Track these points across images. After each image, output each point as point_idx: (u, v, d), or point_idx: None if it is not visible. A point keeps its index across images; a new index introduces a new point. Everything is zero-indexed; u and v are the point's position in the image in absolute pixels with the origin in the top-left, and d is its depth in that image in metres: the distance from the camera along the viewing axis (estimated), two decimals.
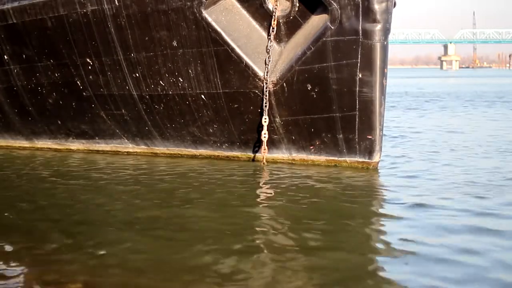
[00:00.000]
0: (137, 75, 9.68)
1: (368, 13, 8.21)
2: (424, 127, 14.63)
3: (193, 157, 10.01)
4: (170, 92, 9.57)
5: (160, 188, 7.64)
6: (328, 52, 8.46)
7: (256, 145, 9.37)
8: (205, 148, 9.92)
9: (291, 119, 8.97)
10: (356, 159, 8.79)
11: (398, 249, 5.02)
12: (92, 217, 6.24)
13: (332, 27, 8.35)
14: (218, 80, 9.16)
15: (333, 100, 8.60)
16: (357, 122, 8.57)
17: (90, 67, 10.00)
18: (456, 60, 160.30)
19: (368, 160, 8.71)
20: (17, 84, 10.86)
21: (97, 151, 10.87)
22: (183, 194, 7.25)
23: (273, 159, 9.30)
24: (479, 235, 5.38)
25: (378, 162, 8.75)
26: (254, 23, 9.05)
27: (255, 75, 8.93)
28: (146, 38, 9.35)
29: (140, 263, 4.73)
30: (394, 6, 8.54)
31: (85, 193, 7.43)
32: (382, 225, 5.91)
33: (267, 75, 8.87)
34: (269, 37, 8.89)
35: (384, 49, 8.36)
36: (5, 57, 10.71)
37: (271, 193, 7.34)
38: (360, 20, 8.23)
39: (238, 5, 8.99)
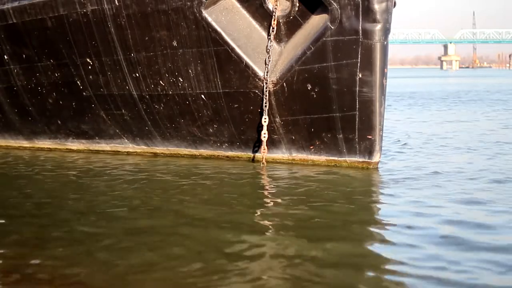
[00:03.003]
0: (137, 75, 9.68)
1: (368, 13, 8.21)
2: (422, 126, 14.64)
3: (193, 157, 10.02)
4: (170, 92, 9.57)
5: (159, 188, 7.63)
6: (328, 52, 8.46)
7: (256, 145, 9.38)
8: (205, 148, 9.92)
9: (291, 119, 8.97)
10: (356, 159, 8.80)
11: (398, 249, 5.02)
12: (89, 216, 6.24)
13: (332, 27, 8.35)
14: (218, 80, 9.16)
15: (333, 100, 8.60)
16: (357, 122, 8.57)
17: (90, 67, 10.00)
18: (456, 60, 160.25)
19: (368, 160, 8.72)
20: (17, 84, 10.86)
21: (97, 151, 10.88)
22: (183, 194, 7.25)
23: (273, 159, 9.31)
24: (480, 234, 5.38)
25: (378, 162, 8.76)
26: (254, 23, 9.05)
27: (255, 75, 8.93)
28: (146, 38, 9.35)
29: (136, 263, 4.73)
30: (394, 6, 8.54)
31: (84, 193, 7.43)
32: (382, 224, 5.91)
33: (267, 75, 8.87)
34: (269, 37, 8.89)
35: (384, 49, 8.36)
36: (5, 57, 10.71)
37: (270, 193, 7.34)
38: (360, 20, 8.23)
39: (238, 5, 8.99)
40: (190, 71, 9.29)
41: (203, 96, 9.37)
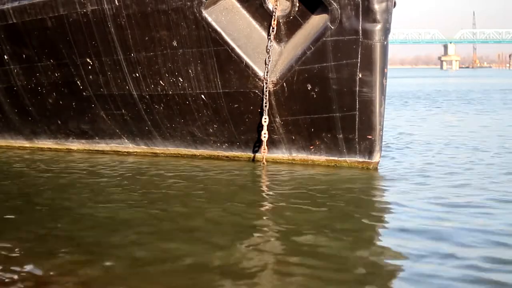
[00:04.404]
0: (137, 75, 9.68)
1: (368, 13, 8.21)
2: (422, 126, 14.64)
3: (193, 157, 10.02)
4: (170, 92, 9.57)
5: (158, 188, 7.63)
6: (328, 52, 8.46)
7: (256, 145, 9.38)
8: (205, 148, 9.92)
9: (291, 119, 8.97)
10: (356, 159, 8.80)
11: (398, 249, 5.03)
12: (88, 216, 6.24)
13: (332, 27, 8.35)
14: (218, 80, 9.16)
15: (333, 100, 8.61)
16: (357, 122, 8.57)
17: (90, 67, 10.00)
18: (456, 60, 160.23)
19: (368, 160, 8.72)
20: (17, 84, 10.86)
21: (97, 151, 10.88)
22: (182, 194, 7.25)
23: (273, 159, 9.31)
24: (480, 235, 5.38)
25: (378, 162, 8.75)
26: (254, 23, 9.05)
27: (255, 75, 8.93)
28: (146, 38, 9.35)
29: (134, 265, 4.73)
30: (394, 6, 8.55)
31: (83, 192, 7.43)
32: (382, 225, 5.91)
33: (267, 75, 8.87)
34: (269, 37, 8.89)
35: (384, 49, 8.36)
36: (5, 57, 10.71)
37: (270, 193, 7.34)
38: (360, 20, 8.23)
39: (238, 5, 8.99)
40: (190, 71, 9.30)
41: (203, 96, 9.37)
